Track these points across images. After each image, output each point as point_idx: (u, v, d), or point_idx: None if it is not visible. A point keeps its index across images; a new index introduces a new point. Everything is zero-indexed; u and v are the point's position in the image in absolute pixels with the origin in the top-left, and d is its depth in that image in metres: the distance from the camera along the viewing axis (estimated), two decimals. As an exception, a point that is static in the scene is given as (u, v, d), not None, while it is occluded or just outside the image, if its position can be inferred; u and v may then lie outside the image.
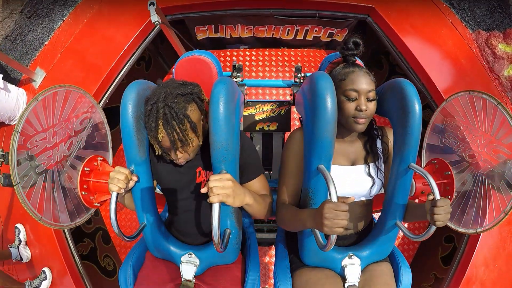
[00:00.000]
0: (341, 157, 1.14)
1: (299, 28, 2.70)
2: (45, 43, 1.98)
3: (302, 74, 1.62)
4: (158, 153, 1.04)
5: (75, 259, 1.79)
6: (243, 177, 1.10)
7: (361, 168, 1.14)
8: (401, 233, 1.91)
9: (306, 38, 2.81)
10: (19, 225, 2.06)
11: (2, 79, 1.94)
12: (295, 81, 1.64)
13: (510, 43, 1.70)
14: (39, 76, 1.89)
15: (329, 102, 0.92)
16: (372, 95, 1.04)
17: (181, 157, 1.02)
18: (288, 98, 2.73)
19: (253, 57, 2.92)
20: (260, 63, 2.90)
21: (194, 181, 1.14)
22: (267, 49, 2.95)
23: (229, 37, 2.80)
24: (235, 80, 1.65)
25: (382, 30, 2.14)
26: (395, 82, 1.05)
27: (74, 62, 1.87)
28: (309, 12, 2.45)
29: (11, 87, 2.05)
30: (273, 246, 2.24)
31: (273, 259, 2.24)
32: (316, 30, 2.70)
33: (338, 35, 2.72)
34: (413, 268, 2.30)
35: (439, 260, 2.12)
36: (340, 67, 1.10)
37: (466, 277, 1.69)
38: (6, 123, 2.14)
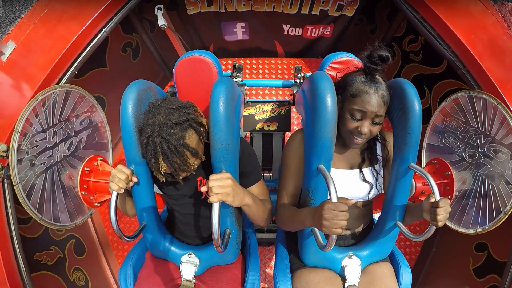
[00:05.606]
0: (340, 160, 1.14)
1: None
2: (22, 16, 1.75)
3: (302, 74, 1.62)
4: (162, 180, 1.01)
5: (20, 268, 1.40)
6: (242, 184, 1.08)
7: (359, 171, 1.14)
8: (402, 235, 1.77)
9: (312, 13, 2.51)
10: None
11: None
12: (295, 81, 1.63)
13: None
14: (8, 49, 1.76)
15: (329, 102, 0.91)
16: (379, 120, 0.99)
17: (183, 177, 1.02)
18: (288, 98, 2.71)
19: (253, 65, 2.87)
20: (260, 70, 2.85)
21: (195, 189, 1.13)
22: (267, 58, 2.85)
23: (223, 11, 2.53)
24: (235, 80, 1.65)
25: None
26: (395, 82, 1.05)
27: (45, 32, 1.69)
28: None
29: None
30: (273, 246, 2.24)
31: (273, 259, 2.22)
32: (323, 2, 2.43)
33: (348, 9, 2.44)
34: (439, 282, 2.10)
35: (471, 272, 1.81)
36: (359, 79, 1.00)
37: None
38: None
